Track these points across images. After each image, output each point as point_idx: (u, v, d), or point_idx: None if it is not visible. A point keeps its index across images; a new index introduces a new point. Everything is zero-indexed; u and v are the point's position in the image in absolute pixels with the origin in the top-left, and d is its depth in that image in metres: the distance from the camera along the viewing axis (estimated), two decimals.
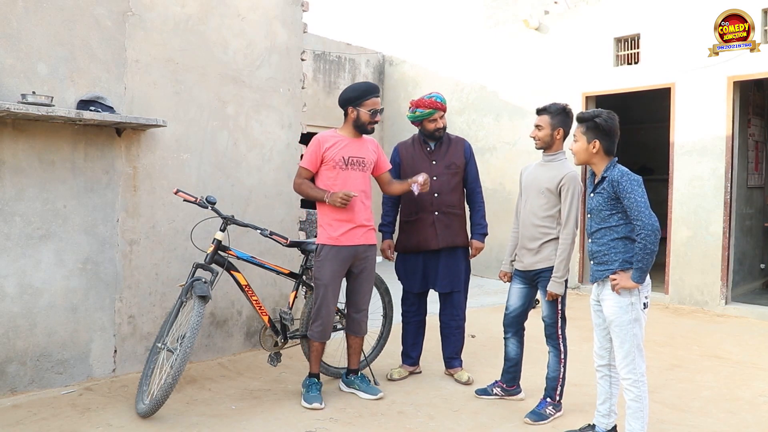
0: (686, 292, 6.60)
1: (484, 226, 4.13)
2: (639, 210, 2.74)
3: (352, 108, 3.62)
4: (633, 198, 2.76)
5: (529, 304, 3.62)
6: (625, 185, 2.79)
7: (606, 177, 2.88)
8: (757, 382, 4.14)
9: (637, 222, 2.75)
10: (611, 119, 2.91)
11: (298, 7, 4.78)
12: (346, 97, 3.65)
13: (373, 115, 3.63)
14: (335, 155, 3.58)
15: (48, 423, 3.16)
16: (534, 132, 3.52)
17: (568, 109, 3.51)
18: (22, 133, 3.47)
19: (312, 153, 3.61)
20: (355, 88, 3.68)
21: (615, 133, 2.92)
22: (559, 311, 3.46)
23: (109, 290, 3.84)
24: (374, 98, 3.64)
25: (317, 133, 3.73)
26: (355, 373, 3.82)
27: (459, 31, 10.55)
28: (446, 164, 4.05)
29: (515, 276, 3.62)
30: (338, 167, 3.58)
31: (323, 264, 3.59)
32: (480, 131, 8.54)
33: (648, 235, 2.72)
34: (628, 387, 2.84)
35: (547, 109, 3.50)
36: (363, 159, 3.66)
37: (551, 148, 3.50)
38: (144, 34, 3.91)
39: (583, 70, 7.39)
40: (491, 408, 3.60)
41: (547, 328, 3.49)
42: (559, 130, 3.47)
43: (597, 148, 2.90)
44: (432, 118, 4.02)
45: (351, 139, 3.66)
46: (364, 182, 3.68)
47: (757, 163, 7.69)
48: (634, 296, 2.83)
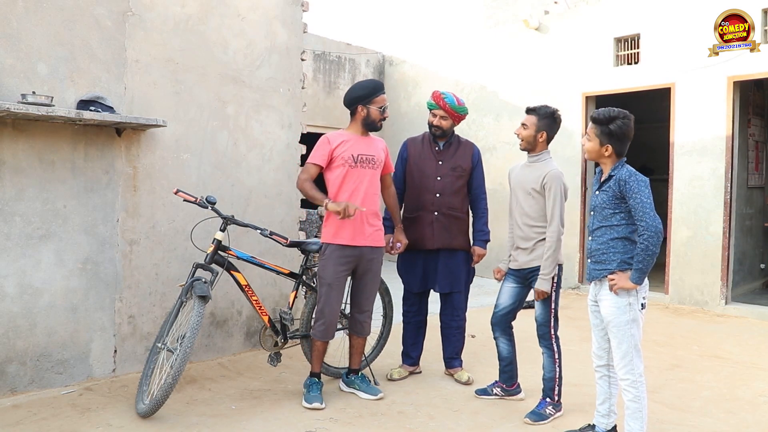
0: (686, 292, 6.60)
1: (486, 233, 4.12)
2: (644, 211, 2.74)
3: (362, 106, 3.60)
4: (639, 198, 2.76)
5: (519, 303, 3.62)
6: (633, 185, 2.78)
7: (613, 176, 2.87)
8: (757, 382, 4.14)
9: (641, 223, 2.74)
10: (626, 125, 2.87)
11: (298, 7, 4.78)
12: (354, 95, 3.63)
13: (383, 112, 3.64)
14: (345, 152, 3.56)
15: (48, 423, 3.16)
16: (519, 129, 3.55)
17: (556, 115, 3.54)
18: (22, 133, 3.47)
19: (322, 149, 3.58)
20: (364, 86, 3.67)
21: (628, 137, 2.90)
22: (552, 311, 3.46)
23: (109, 290, 3.84)
24: (382, 95, 3.65)
25: (318, 134, 3.73)
26: (356, 373, 3.82)
27: (459, 31, 10.56)
28: (452, 166, 4.04)
29: (508, 274, 3.64)
30: (348, 165, 3.56)
31: (327, 263, 3.57)
32: (480, 131, 8.54)
33: (650, 237, 2.71)
34: (626, 387, 2.84)
35: (536, 110, 3.53)
36: (373, 157, 3.64)
37: (535, 150, 3.54)
38: (144, 34, 3.91)
39: (583, 70, 7.39)
40: (491, 408, 3.60)
41: (539, 328, 3.49)
42: (543, 134, 3.50)
43: (609, 152, 2.90)
44: (433, 113, 4.02)
45: (360, 138, 3.65)
46: (374, 181, 3.66)
47: (757, 163, 7.69)
48: (632, 297, 2.82)
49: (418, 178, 4.06)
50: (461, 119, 4.07)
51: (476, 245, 4.11)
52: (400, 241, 3.98)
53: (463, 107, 4.03)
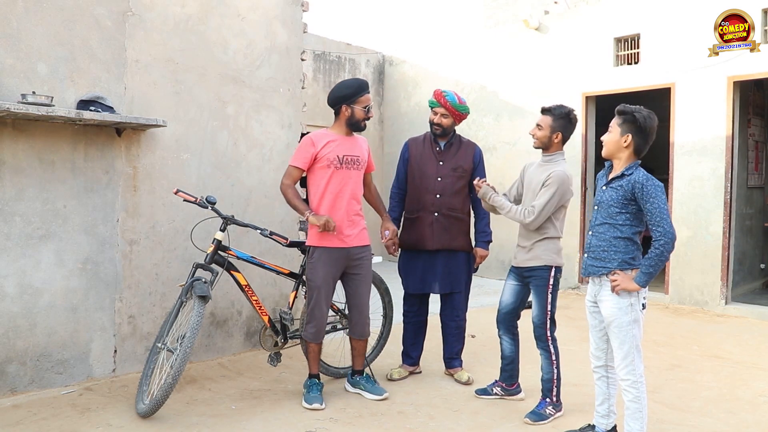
0: (686, 292, 6.60)
1: (488, 233, 4.11)
2: (661, 217, 2.71)
3: (346, 106, 3.57)
4: (657, 204, 2.72)
5: (521, 302, 3.62)
6: (650, 190, 2.74)
7: (626, 175, 2.83)
8: (757, 382, 4.14)
9: (658, 228, 2.71)
10: (650, 119, 2.83)
11: (298, 7, 4.78)
12: (338, 95, 3.58)
13: (367, 112, 3.61)
14: (329, 154, 3.53)
15: (48, 423, 3.16)
16: (533, 130, 3.51)
17: (572, 116, 3.49)
18: (22, 133, 3.47)
19: (304, 152, 3.54)
20: (348, 85, 3.60)
21: (650, 134, 2.85)
22: (548, 313, 3.46)
23: (109, 290, 3.84)
24: (367, 94, 3.60)
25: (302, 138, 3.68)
26: (361, 374, 3.81)
27: (459, 31, 10.56)
28: (453, 166, 4.03)
29: (510, 273, 3.63)
30: (333, 166, 3.53)
31: (315, 266, 3.56)
32: (480, 131, 8.54)
33: (666, 243, 2.70)
34: (626, 388, 2.84)
35: (551, 111, 3.48)
36: (357, 157, 3.63)
37: (549, 149, 3.50)
38: (144, 34, 3.91)
39: (583, 70, 7.39)
40: (491, 408, 3.60)
41: (536, 330, 3.49)
42: (558, 134, 3.46)
43: (628, 142, 2.84)
44: (434, 111, 4.02)
45: (344, 138, 3.62)
46: (358, 181, 3.66)
47: (757, 163, 7.69)
48: (633, 297, 2.82)
49: (419, 178, 4.05)
50: (463, 118, 4.06)
51: (478, 246, 4.10)
52: (388, 229, 3.94)
53: (464, 106, 4.02)
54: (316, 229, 3.50)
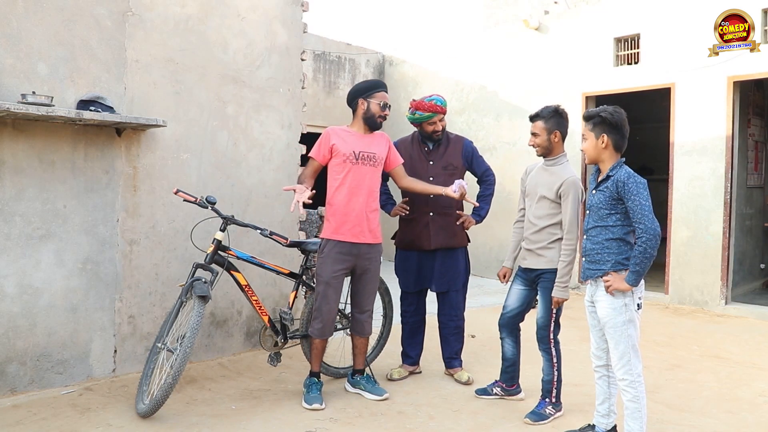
0: (686, 292, 6.60)
1: (484, 209, 4.08)
2: (642, 213, 2.72)
3: (363, 99, 3.62)
4: (638, 201, 2.74)
5: (527, 306, 3.60)
6: (631, 187, 2.76)
7: (611, 176, 2.85)
8: (757, 382, 4.14)
9: (640, 225, 2.72)
10: (617, 113, 2.87)
11: (298, 7, 4.78)
12: (355, 90, 3.68)
13: (383, 108, 3.64)
14: (345, 148, 3.57)
15: (48, 423, 3.16)
16: (531, 140, 3.48)
17: (560, 110, 3.46)
18: (22, 133, 3.47)
19: (321, 144, 3.62)
20: (365, 82, 3.74)
21: (623, 126, 2.88)
22: (553, 316, 3.44)
23: (109, 290, 3.84)
24: (383, 92, 3.67)
25: (318, 134, 3.74)
26: (361, 374, 3.81)
27: (459, 31, 10.56)
28: (443, 165, 4.04)
29: (517, 276, 3.61)
30: (349, 161, 3.56)
31: (325, 260, 3.57)
32: (480, 131, 8.55)
33: (649, 240, 2.70)
34: (624, 388, 2.84)
35: (539, 115, 3.45)
36: (374, 154, 3.64)
37: (552, 153, 3.46)
38: (144, 34, 3.91)
39: (583, 70, 7.40)
40: (491, 408, 3.60)
41: (538, 332, 3.48)
42: (556, 133, 3.43)
43: (606, 142, 2.87)
44: (431, 121, 3.99)
45: (362, 135, 3.66)
46: (374, 178, 3.66)
47: (757, 163, 7.69)
48: (628, 297, 2.82)
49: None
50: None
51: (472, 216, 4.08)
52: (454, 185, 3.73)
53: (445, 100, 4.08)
54: (335, 217, 3.55)
